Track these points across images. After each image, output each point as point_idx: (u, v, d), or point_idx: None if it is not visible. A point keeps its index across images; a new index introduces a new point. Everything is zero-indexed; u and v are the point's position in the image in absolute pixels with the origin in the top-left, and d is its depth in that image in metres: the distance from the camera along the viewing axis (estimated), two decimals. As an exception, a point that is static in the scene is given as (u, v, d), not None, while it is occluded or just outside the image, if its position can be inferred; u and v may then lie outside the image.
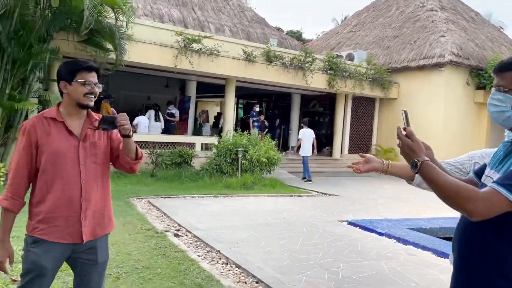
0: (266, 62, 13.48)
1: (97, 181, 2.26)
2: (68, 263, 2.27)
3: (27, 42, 8.49)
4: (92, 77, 2.22)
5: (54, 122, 2.21)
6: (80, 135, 2.24)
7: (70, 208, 2.16)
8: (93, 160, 2.25)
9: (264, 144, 11.74)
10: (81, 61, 2.28)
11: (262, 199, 9.06)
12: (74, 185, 2.17)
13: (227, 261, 4.79)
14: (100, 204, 2.27)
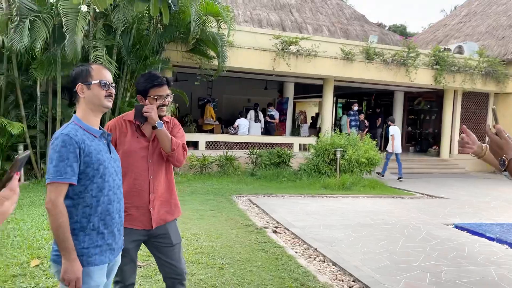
0: (366, 60, 13.18)
1: (163, 176, 2.60)
2: (147, 246, 2.65)
3: (142, 54, 9.45)
4: (163, 91, 2.56)
5: (130, 124, 2.56)
6: (150, 136, 2.57)
7: (140, 200, 2.50)
8: (159, 158, 2.58)
9: (364, 144, 11.50)
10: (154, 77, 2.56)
11: (361, 200, 8.92)
12: (143, 180, 2.51)
13: (324, 259, 4.87)
14: (166, 194, 2.62)
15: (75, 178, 1.97)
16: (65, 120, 9.42)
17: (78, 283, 1.93)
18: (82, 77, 2.06)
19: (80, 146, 1.98)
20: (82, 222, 2.00)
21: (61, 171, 1.93)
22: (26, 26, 7.72)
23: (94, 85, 2.05)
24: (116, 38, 8.97)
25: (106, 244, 2.07)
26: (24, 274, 3.93)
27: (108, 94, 2.08)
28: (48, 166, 1.98)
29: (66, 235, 1.91)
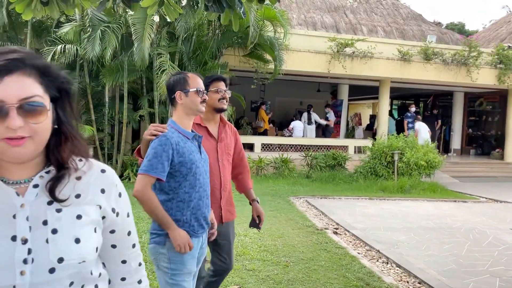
0: (424, 60, 12.85)
1: (229, 176, 2.80)
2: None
3: (202, 59, 9.83)
4: (222, 85, 2.73)
5: (199, 127, 2.70)
6: (217, 137, 2.74)
7: (213, 197, 2.65)
8: (226, 158, 2.77)
9: (423, 146, 11.21)
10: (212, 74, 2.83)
11: (421, 204, 8.72)
12: (216, 178, 2.68)
13: (387, 261, 4.87)
14: (229, 195, 2.81)
15: (164, 175, 2.18)
16: (130, 124, 10.00)
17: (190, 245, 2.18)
18: (180, 85, 2.29)
19: (174, 147, 2.19)
20: (177, 215, 2.21)
21: (153, 166, 2.15)
22: (98, 35, 8.31)
23: (191, 92, 2.27)
24: (178, 45, 9.41)
25: (196, 235, 2.27)
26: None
27: (202, 100, 2.29)
28: (144, 159, 2.21)
29: (162, 213, 2.14)
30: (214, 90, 2.69)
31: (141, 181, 2.14)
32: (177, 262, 2.20)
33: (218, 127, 2.79)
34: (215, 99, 2.70)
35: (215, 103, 2.71)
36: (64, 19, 9.24)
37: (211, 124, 2.76)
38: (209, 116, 2.74)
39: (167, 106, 9.98)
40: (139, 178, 2.16)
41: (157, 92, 9.50)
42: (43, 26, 9.64)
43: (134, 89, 10.26)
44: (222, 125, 2.81)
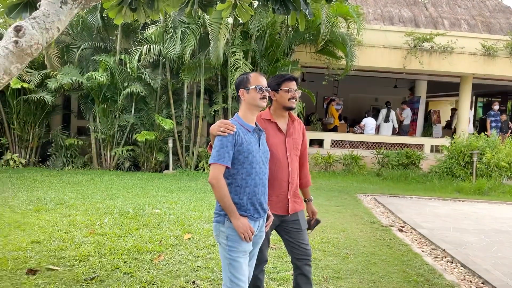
0: (511, 56, 12.01)
1: (297, 169, 2.97)
2: (278, 230, 2.99)
3: (274, 57, 10.14)
4: (293, 85, 2.88)
5: (269, 122, 2.90)
6: (286, 132, 2.92)
7: (280, 188, 2.86)
8: (294, 152, 2.94)
9: (506, 147, 10.54)
10: (284, 74, 2.96)
11: (499, 207, 8.28)
12: (284, 170, 2.86)
13: (452, 260, 4.81)
14: (297, 187, 2.99)
15: (230, 163, 2.48)
16: (206, 118, 10.60)
17: (251, 231, 2.45)
18: (243, 84, 2.58)
19: (236, 138, 2.49)
20: (234, 199, 2.50)
21: (221, 156, 2.45)
22: (179, 36, 8.95)
23: (252, 89, 2.54)
24: (251, 43, 9.80)
25: (252, 218, 2.55)
26: (180, 245, 4.74)
27: (262, 96, 2.55)
28: (212, 151, 2.52)
29: (230, 202, 2.44)
30: (285, 89, 2.86)
31: (215, 170, 2.45)
32: (233, 240, 2.48)
33: (287, 123, 2.96)
34: (285, 98, 2.87)
35: (285, 102, 2.88)
36: (150, 21, 10.05)
37: (281, 120, 2.93)
38: (279, 112, 2.93)
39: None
40: (213, 167, 2.47)
41: (230, 89, 9.99)
42: (131, 27, 10.55)
43: (210, 86, 10.85)
44: (290, 121, 2.98)
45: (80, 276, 3.75)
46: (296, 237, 2.96)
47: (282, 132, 2.93)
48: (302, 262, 2.98)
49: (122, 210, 6.18)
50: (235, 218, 2.45)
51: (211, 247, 4.72)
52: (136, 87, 9.67)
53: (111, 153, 10.48)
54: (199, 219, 5.90)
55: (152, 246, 4.61)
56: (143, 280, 3.73)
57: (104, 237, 4.88)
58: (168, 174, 10.12)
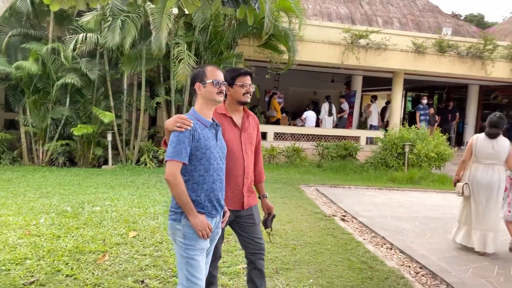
0: (438, 53, 12.85)
1: (252, 164, 2.98)
2: (232, 225, 2.99)
3: (218, 49, 10.04)
4: (248, 80, 2.87)
5: (224, 116, 2.87)
6: (241, 126, 2.91)
7: (236, 183, 2.86)
8: (250, 147, 2.94)
9: (434, 138, 11.31)
10: (239, 68, 2.96)
11: (429, 195, 8.89)
12: (239, 166, 2.86)
13: (391, 247, 5.09)
14: (251, 182, 2.97)
15: (187, 159, 2.42)
16: (147, 111, 10.30)
17: (209, 228, 2.43)
18: (199, 78, 2.52)
19: (193, 133, 2.43)
20: (191, 196, 2.45)
21: (178, 152, 2.38)
22: (118, 25, 8.57)
23: (208, 84, 2.49)
24: (195, 35, 9.63)
25: (210, 215, 2.52)
26: (125, 243, 4.58)
27: (219, 91, 2.50)
28: (168, 147, 2.44)
29: (187, 199, 2.39)
30: (240, 84, 2.85)
31: (171, 166, 2.38)
32: (190, 238, 2.43)
33: (242, 118, 2.95)
34: (240, 93, 2.85)
35: (239, 97, 2.86)
36: (86, 8, 9.53)
37: (236, 114, 2.92)
38: (234, 107, 2.91)
39: (183, 94, 10.26)
40: (169, 164, 2.39)
41: (173, 81, 9.77)
42: (65, 14, 9.94)
43: (151, 77, 10.53)
44: (245, 115, 2.96)
45: (17, 281, 3.50)
46: (250, 231, 2.97)
47: (237, 127, 2.91)
48: (256, 257, 3.00)
49: (59, 209, 5.85)
50: (193, 216, 2.40)
51: (159, 244, 4.61)
52: (72, 78, 9.15)
53: (44, 148, 9.86)
54: (144, 215, 5.74)
55: (95, 246, 4.41)
56: (87, 282, 3.57)
57: (41, 238, 4.60)
58: (108, 170, 9.72)
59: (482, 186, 4.93)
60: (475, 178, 4.98)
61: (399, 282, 3.95)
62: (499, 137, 5.00)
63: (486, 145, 4.99)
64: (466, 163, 5.18)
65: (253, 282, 3.03)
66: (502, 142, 4.97)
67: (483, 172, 4.96)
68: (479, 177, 4.96)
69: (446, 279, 4.03)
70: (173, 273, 3.84)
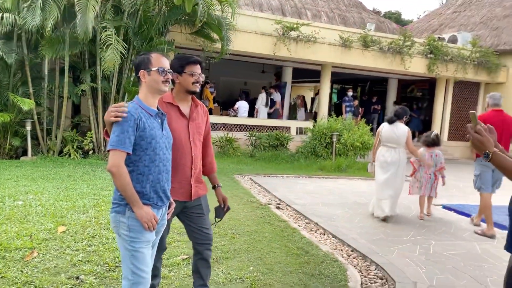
0: (363, 48, 13.53)
1: (200, 154, 2.91)
2: (179, 216, 2.95)
3: (148, 35, 9.68)
4: (197, 68, 2.77)
5: (171, 106, 2.78)
6: (189, 116, 2.83)
7: (183, 174, 2.80)
8: (197, 137, 2.86)
9: (359, 129, 11.94)
10: (188, 56, 2.83)
11: (355, 182, 9.39)
12: (187, 156, 2.79)
13: (324, 232, 5.32)
14: (200, 172, 2.93)
15: (131, 149, 2.32)
16: (71, 98, 9.71)
17: (155, 219, 2.36)
18: (144, 65, 2.40)
19: (138, 123, 2.33)
20: (136, 187, 2.36)
21: (122, 141, 2.28)
22: (39, 5, 7.93)
23: (154, 71, 2.38)
24: (123, 19, 9.20)
25: (156, 206, 2.45)
26: (54, 239, 4.31)
27: (165, 80, 2.41)
28: (111, 136, 2.33)
29: (132, 190, 2.29)
30: (189, 73, 2.74)
31: (114, 156, 2.27)
32: (135, 231, 2.35)
33: (190, 107, 2.86)
34: (189, 82, 2.75)
35: (188, 86, 2.76)
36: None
37: (184, 104, 2.83)
38: (182, 96, 2.81)
39: (110, 81, 9.79)
40: (112, 154, 2.28)
41: (100, 67, 9.27)
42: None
43: (75, 63, 9.90)
44: (194, 105, 2.88)
45: None
46: (198, 222, 2.93)
47: (184, 116, 2.82)
48: (204, 247, 2.98)
49: (-24, 204, 5.34)
50: (138, 208, 2.32)
51: (91, 238, 4.40)
52: (-15, 61, 8.33)
53: (-49, 138, 8.91)
54: (72, 209, 5.42)
55: (21, 243, 4.10)
56: (16, 280, 3.31)
57: (-43, 236, 4.18)
58: (27, 161, 9.02)
59: (384, 164, 5.98)
60: (379, 158, 6.06)
61: (334, 265, 4.15)
62: (399, 125, 5.96)
63: (389, 132, 5.97)
64: (377, 148, 6.21)
65: (198, 272, 3.02)
66: (401, 129, 5.94)
67: (385, 153, 5.99)
68: (382, 157, 6.01)
69: (375, 260, 4.31)
70: (109, 267, 3.70)
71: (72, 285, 3.33)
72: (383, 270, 4.07)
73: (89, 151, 9.85)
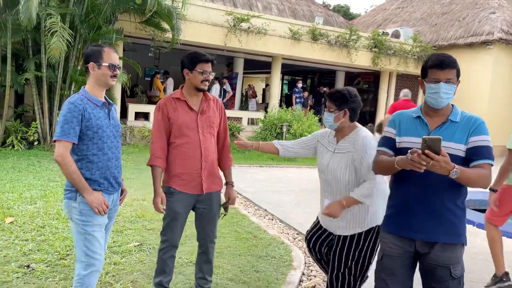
0: (312, 40, 13.93)
1: (213, 147, 2.96)
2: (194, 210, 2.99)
3: (95, 23, 9.46)
4: (208, 67, 2.84)
5: (178, 101, 2.89)
6: (198, 110, 2.91)
7: (193, 167, 2.85)
8: (208, 130, 2.91)
9: (308, 119, 12.36)
10: (201, 54, 2.85)
11: (304, 170, 9.79)
12: (196, 149, 2.85)
13: (272, 218, 5.60)
14: (212, 166, 2.96)
15: (76, 139, 2.43)
16: (13, 87, 9.35)
17: (105, 204, 2.47)
18: (95, 57, 2.49)
19: (83, 113, 2.44)
20: (86, 174, 2.47)
21: (66, 132, 2.39)
22: (-23, -11, 7.54)
23: (104, 66, 2.48)
24: (69, 6, 8.94)
25: (107, 192, 2.56)
26: (2, 229, 4.27)
27: (113, 75, 2.52)
28: (56, 127, 2.45)
29: (79, 177, 2.41)
30: (200, 71, 2.81)
31: (60, 147, 2.39)
32: (87, 215, 2.47)
33: (201, 101, 2.93)
34: (198, 80, 2.83)
35: (197, 84, 2.85)
36: None
37: (193, 98, 2.91)
38: (190, 92, 2.90)
39: (55, 70, 9.50)
40: (58, 144, 2.40)
41: (45, 55, 8.98)
42: None
43: (18, 50, 9.51)
44: (204, 99, 2.94)
45: None
46: (207, 218, 3.01)
47: (193, 110, 2.90)
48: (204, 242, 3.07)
49: None
50: (88, 194, 2.44)
51: (41, 228, 4.39)
52: None
53: None
54: (19, 200, 5.33)
55: (-35, 235, 4.03)
56: (-37, 272, 3.29)
57: None
58: (-33, 152, 8.62)
59: None
60: None
61: (280, 247, 4.42)
62: None
63: None
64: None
65: (199, 265, 3.12)
66: None
67: None
68: None
69: (319, 241, 4.62)
70: (60, 256, 3.75)
71: (23, 273, 3.37)
72: (325, 250, 4.39)
73: (34, 141, 9.55)
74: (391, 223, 2.34)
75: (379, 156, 2.34)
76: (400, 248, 2.29)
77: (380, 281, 2.36)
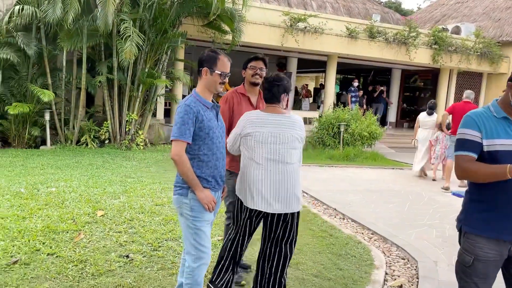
0: (369, 38, 13.75)
1: None
2: None
3: (162, 27, 9.87)
4: (259, 64, 3.29)
5: (242, 96, 3.29)
6: (256, 105, 3.31)
7: None
8: None
9: (366, 119, 12.22)
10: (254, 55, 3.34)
11: (364, 170, 9.71)
12: None
13: (343, 217, 5.64)
14: None
15: (191, 139, 2.61)
16: (89, 89, 9.94)
17: (214, 202, 2.66)
18: (210, 63, 2.66)
19: (197, 115, 2.61)
20: (197, 172, 2.65)
21: (183, 132, 2.57)
22: (59, -2, 8.12)
23: (216, 73, 2.66)
24: (139, 12, 9.40)
25: (213, 189, 2.74)
26: (96, 222, 4.61)
27: (222, 82, 2.70)
28: (173, 127, 2.62)
29: (193, 175, 2.59)
30: (250, 67, 3.29)
31: (176, 146, 2.57)
32: (197, 211, 2.65)
33: (257, 98, 3.36)
34: (249, 74, 3.30)
35: (249, 78, 3.30)
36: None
37: (252, 95, 3.34)
38: (249, 88, 3.34)
39: (125, 72, 10.01)
40: (174, 144, 2.57)
41: (116, 58, 9.50)
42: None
43: (91, 55, 10.11)
44: (260, 96, 3.35)
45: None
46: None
47: (252, 105, 3.27)
48: None
49: (13, 191, 5.63)
50: (199, 191, 2.61)
51: (130, 221, 4.70)
52: (7, 53, 8.53)
53: (-27, 128, 9.15)
54: (104, 195, 5.72)
55: (66, 225, 4.40)
56: (72, 259, 3.62)
57: (6, 220, 4.47)
58: (47, 150, 9.30)
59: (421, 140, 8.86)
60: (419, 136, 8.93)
61: (358, 246, 4.47)
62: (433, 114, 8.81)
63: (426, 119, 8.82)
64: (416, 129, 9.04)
65: None
66: (435, 116, 8.82)
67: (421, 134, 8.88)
68: (420, 136, 8.86)
69: (395, 242, 4.64)
70: (153, 247, 4.00)
71: (124, 263, 3.64)
72: (404, 251, 4.39)
73: (105, 140, 10.12)
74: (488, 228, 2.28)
75: (473, 163, 2.20)
76: (497, 252, 2.26)
77: (470, 284, 2.35)
